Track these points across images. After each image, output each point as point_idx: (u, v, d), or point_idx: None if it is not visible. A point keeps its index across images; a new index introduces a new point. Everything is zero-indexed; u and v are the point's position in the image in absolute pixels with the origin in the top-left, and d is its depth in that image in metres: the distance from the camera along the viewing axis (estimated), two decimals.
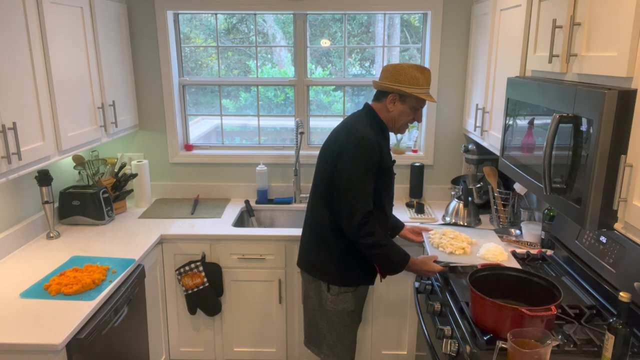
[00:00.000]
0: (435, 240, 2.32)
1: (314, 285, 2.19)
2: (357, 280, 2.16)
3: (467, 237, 2.33)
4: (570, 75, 1.64)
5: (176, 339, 2.86)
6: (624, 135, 1.34)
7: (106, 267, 2.19)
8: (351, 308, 2.17)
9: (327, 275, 2.13)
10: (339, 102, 3.32)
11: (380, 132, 2.08)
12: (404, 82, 2.00)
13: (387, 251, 2.02)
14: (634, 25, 1.27)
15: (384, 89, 2.06)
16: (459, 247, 2.22)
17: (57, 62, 2.21)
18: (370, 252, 2.02)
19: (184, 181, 3.33)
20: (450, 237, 2.32)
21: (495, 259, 2.11)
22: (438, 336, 1.83)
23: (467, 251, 2.21)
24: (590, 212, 1.41)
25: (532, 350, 1.41)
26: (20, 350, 1.68)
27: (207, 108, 3.38)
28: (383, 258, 2.03)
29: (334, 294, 2.14)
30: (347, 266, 2.11)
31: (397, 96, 2.04)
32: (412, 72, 2.00)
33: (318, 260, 2.15)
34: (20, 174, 1.99)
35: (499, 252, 2.14)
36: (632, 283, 1.69)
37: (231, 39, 3.29)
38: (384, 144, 2.07)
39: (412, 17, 3.22)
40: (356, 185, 1.96)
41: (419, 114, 2.10)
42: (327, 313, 2.17)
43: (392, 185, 2.16)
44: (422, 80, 2.01)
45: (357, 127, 2.04)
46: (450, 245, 2.24)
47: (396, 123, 2.10)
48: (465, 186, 2.89)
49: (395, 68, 2.04)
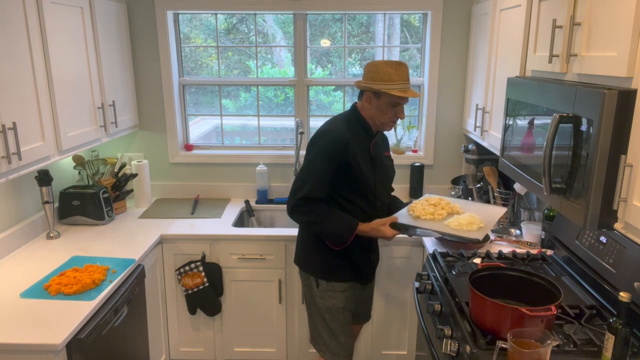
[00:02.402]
0: (413, 205, 2.23)
1: (307, 282, 2.26)
2: (343, 275, 2.19)
3: (457, 206, 2.19)
4: (570, 75, 1.64)
5: (176, 339, 2.86)
6: (624, 135, 1.34)
7: (106, 267, 2.19)
8: (340, 305, 2.21)
9: (315, 270, 2.21)
10: (339, 102, 3.32)
11: (358, 130, 2.12)
12: (377, 80, 2.02)
13: (325, 226, 2.08)
14: (634, 25, 1.27)
15: (359, 87, 2.12)
16: (429, 213, 2.11)
17: (57, 62, 2.21)
18: (308, 229, 2.18)
19: (184, 181, 3.33)
20: (432, 203, 2.20)
21: (460, 227, 2.00)
22: (438, 336, 1.83)
23: (436, 217, 2.10)
24: (590, 212, 1.41)
25: (532, 350, 1.41)
26: (20, 350, 1.68)
27: (207, 108, 3.38)
28: (324, 233, 2.11)
29: (322, 290, 2.20)
30: (331, 260, 2.17)
31: (371, 94, 2.07)
32: (384, 69, 2.01)
33: (306, 255, 2.25)
34: (20, 174, 1.99)
35: (467, 222, 2.01)
36: (632, 283, 1.69)
37: (231, 39, 3.29)
38: (357, 140, 2.09)
39: (412, 17, 3.22)
40: (305, 172, 2.08)
41: (399, 110, 2.09)
42: (318, 309, 2.23)
43: (367, 183, 2.13)
44: (395, 76, 2.01)
45: (328, 124, 2.14)
46: (421, 210, 2.14)
47: (376, 120, 2.12)
48: (465, 186, 2.89)
49: (370, 66, 2.06)
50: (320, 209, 2.08)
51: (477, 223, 2.04)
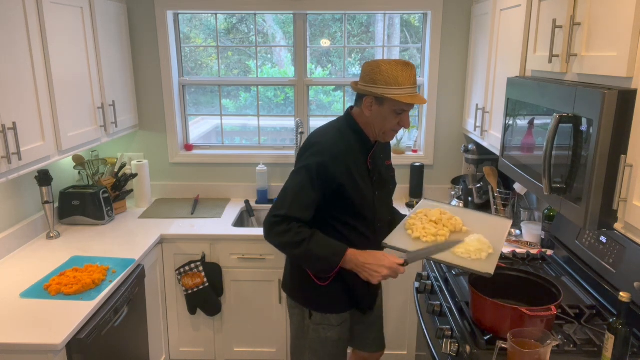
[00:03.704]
0: (411, 220, 1.92)
1: (296, 311, 1.98)
2: (340, 306, 1.92)
3: (459, 221, 1.92)
4: (570, 75, 1.64)
5: (176, 339, 2.86)
6: (624, 135, 1.34)
7: (106, 267, 2.19)
8: (335, 337, 1.93)
9: (307, 301, 1.93)
10: (339, 102, 3.32)
11: (354, 142, 1.82)
12: (380, 83, 1.70)
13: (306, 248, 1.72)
14: (634, 25, 1.27)
15: (358, 91, 1.80)
16: (430, 234, 1.82)
17: (57, 62, 2.21)
18: (285, 252, 1.81)
19: (184, 181, 3.33)
20: (432, 220, 1.91)
21: (468, 256, 1.72)
22: (438, 336, 1.83)
23: (438, 239, 1.82)
24: (590, 212, 1.41)
25: (532, 350, 1.41)
26: (20, 350, 1.68)
27: (207, 108, 3.38)
28: (305, 257, 1.75)
29: (315, 322, 1.92)
30: (326, 288, 1.88)
31: (373, 99, 1.75)
32: (389, 70, 1.69)
33: (296, 282, 1.95)
34: (20, 174, 1.99)
35: (475, 249, 1.74)
36: (632, 283, 1.69)
37: (231, 39, 3.29)
38: (353, 155, 1.80)
39: (412, 17, 3.22)
40: (288, 189, 1.81)
41: (404, 117, 1.77)
42: (310, 341, 1.95)
43: (365, 203, 1.84)
44: (402, 79, 1.69)
45: (318, 135, 1.84)
46: (421, 230, 1.84)
47: (377, 129, 1.80)
48: (465, 186, 2.89)
49: (371, 66, 1.74)
50: (300, 229, 1.74)
51: (486, 249, 1.75)
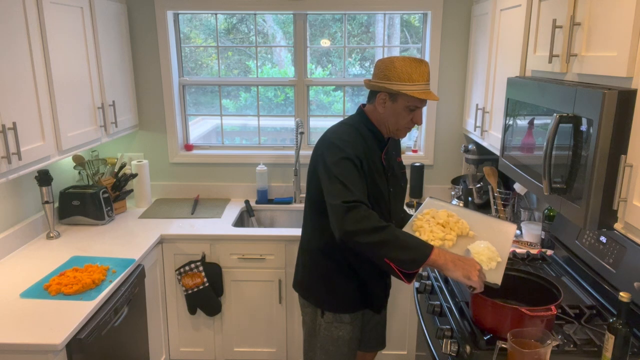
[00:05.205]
0: (418, 222, 1.88)
1: (308, 310, 1.98)
2: (353, 306, 1.92)
3: (466, 225, 1.89)
4: (570, 75, 1.64)
5: (176, 339, 2.86)
6: (624, 135, 1.34)
7: (106, 267, 2.19)
8: (347, 336, 1.93)
9: (319, 300, 1.93)
10: (339, 102, 3.32)
11: (369, 139, 1.82)
12: (394, 79, 1.71)
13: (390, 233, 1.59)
14: (633, 25, 1.27)
15: (372, 87, 1.80)
16: (438, 237, 1.79)
17: (57, 62, 2.21)
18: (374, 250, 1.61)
19: (184, 181, 3.33)
20: (439, 222, 1.87)
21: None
22: (438, 336, 1.83)
23: (446, 244, 1.79)
24: (590, 212, 1.41)
25: (532, 350, 1.41)
26: (20, 350, 1.68)
27: (207, 108, 3.38)
28: (391, 243, 1.59)
29: (327, 321, 1.92)
30: (340, 288, 1.89)
31: (386, 95, 1.76)
32: (403, 67, 1.71)
33: (310, 283, 1.95)
34: (20, 174, 1.99)
35: (487, 259, 1.72)
36: (632, 283, 1.69)
37: (231, 39, 3.29)
38: (369, 151, 1.80)
39: (412, 17, 3.22)
40: (334, 177, 1.68)
41: (417, 114, 1.79)
42: (321, 340, 1.95)
43: (382, 198, 1.85)
44: (415, 76, 1.70)
45: (335, 132, 1.81)
46: (429, 234, 1.80)
47: (390, 126, 1.82)
48: (465, 186, 2.89)
49: (384, 63, 1.75)
50: (376, 216, 1.62)
51: (495, 257, 1.73)
